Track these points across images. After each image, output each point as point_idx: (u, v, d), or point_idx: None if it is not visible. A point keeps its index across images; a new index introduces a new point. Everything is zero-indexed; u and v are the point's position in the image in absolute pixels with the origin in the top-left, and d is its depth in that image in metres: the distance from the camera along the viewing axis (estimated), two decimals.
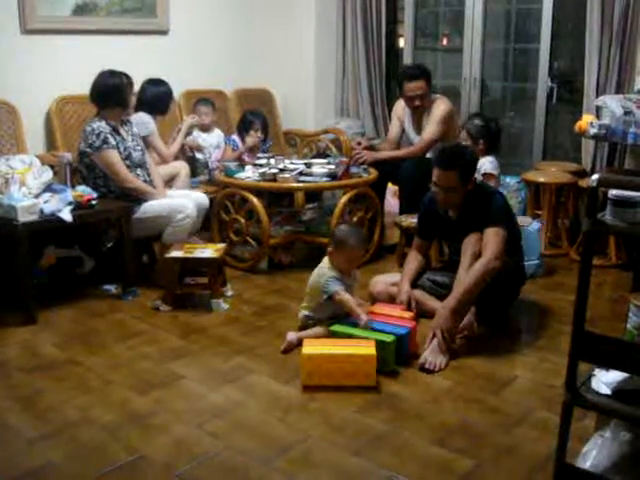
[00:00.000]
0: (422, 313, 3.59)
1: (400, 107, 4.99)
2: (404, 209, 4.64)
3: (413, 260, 3.76)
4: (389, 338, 3.11)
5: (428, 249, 3.88)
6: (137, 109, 4.79)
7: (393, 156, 4.87)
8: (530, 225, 4.41)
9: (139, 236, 4.13)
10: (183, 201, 4.19)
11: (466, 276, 3.30)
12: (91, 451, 2.54)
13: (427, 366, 3.15)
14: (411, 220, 4.35)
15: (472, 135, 4.32)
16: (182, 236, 4.10)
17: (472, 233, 3.40)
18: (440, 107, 4.72)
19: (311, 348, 3.06)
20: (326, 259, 3.48)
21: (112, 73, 4.15)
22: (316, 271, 3.49)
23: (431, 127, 4.70)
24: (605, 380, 2.09)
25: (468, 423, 2.75)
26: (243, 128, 5.21)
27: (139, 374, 3.13)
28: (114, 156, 4.04)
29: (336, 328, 3.26)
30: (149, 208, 4.11)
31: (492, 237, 3.34)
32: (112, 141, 4.06)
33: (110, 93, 4.13)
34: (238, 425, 2.73)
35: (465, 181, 3.46)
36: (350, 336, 3.17)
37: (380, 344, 3.06)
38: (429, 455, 2.53)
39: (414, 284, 3.70)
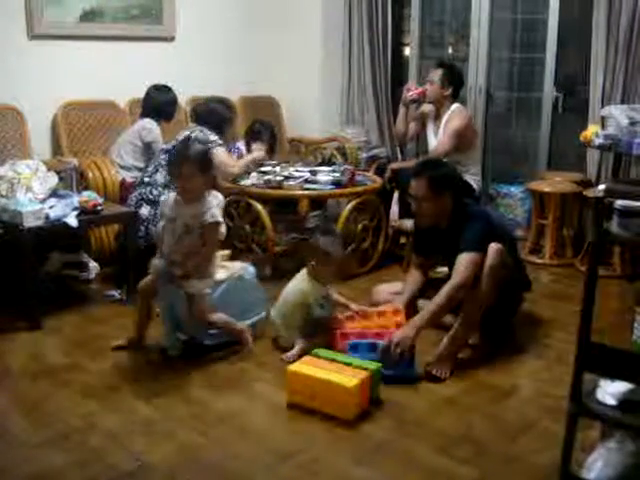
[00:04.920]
0: (436, 325, 3.60)
1: (429, 107, 4.99)
2: (402, 214, 4.68)
3: (412, 280, 3.71)
4: (372, 365, 2.96)
5: (427, 266, 3.81)
6: (142, 115, 4.81)
7: (404, 166, 4.87)
8: (245, 271, 3.64)
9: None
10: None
11: (434, 300, 3.29)
12: (95, 457, 2.54)
13: (434, 372, 3.15)
14: (402, 222, 4.48)
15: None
16: None
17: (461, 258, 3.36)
18: (455, 120, 4.66)
19: (299, 366, 2.98)
20: (304, 272, 3.47)
21: (224, 104, 4.59)
22: (297, 286, 3.47)
23: (444, 140, 4.64)
24: (610, 391, 2.08)
25: (472, 432, 2.74)
26: (250, 137, 5.19)
27: (143, 380, 3.13)
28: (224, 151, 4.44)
29: (320, 352, 3.11)
30: None
31: (462, 263, 3.29)
32: None
33: (221, 122, 4.46)
34: (242, 432, 2.72)
35: (437, 193, 3.41)
36: (334, 360, 3.01)
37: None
38: (432, 464, 2.53)
39: (421, 295, 3.69)
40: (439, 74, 4.76)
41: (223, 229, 3.31)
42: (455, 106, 4.78)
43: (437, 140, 4.76)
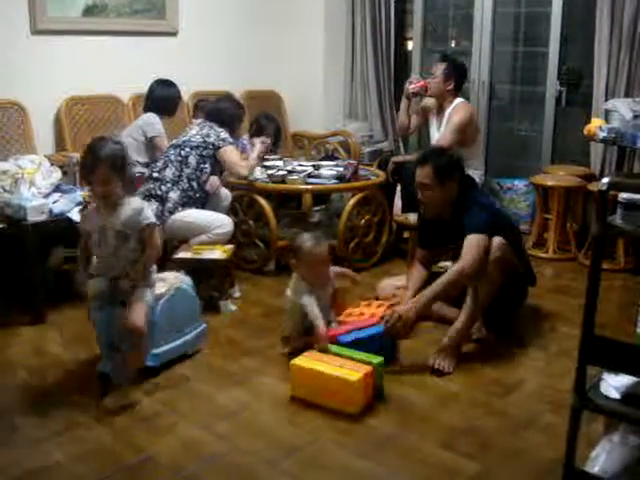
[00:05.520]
0: (437, 319, 3.60)
1: (431, 101, 4.97)
2: (405, 208, 4.68)
3: (416, 274, 3.72)
4: (376, 359, 2.94)
5: (431, 259, 3.83)
6: (145, 110, 4.80)
7: (408, 160, 4.87)
8: (182, 282, 3.29)
9: (169, 237, 4.14)
10: (227, 218, 4.23)
11: (440, 279, 3.29)
12: (97, 452, 2.55)
13: (436, 366, 3.15)
14: (406, 217, 4.50)
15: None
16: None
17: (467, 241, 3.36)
18: (458, 114, 4.65)
19: (302, 360, 2.97)
20: (294, 275, 3.37)
21: (235, 103, 4.60)
22: (290, 287, 3.38)
23: (446, 135, 4.63)
24: (614, 384, 2.08)
25: (475, 427, 2.74)
26: (255, 132, 5.17)
27: (146, 374, 3.12)
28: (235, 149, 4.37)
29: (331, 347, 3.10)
30: (193, 213, 4.13)
31: (469, 245, 3.29)
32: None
33: (231, 121, 4.44)
34: (245, 427, 2.73)
35: (441, 180, 3.43)
36: (338, 354, 3.01)
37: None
38: (436, 458, 2.52)
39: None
40: (442, 68, 4.74)
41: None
42: (458, 100, 4.76)
43: (440, 134, 4.75)
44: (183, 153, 4.20)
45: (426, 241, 3.76)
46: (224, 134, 4.27)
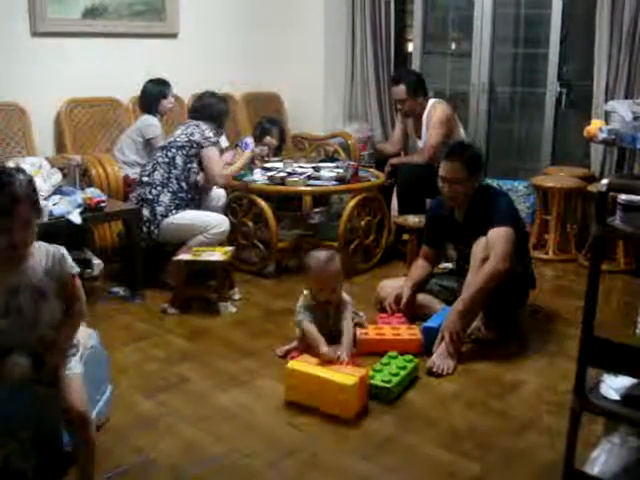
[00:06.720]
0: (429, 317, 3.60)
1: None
2: (401, 210, 4.70)
3: (420, 266, 3.76)
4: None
5: (436, 258, 3.85)
6: (141, 111, 4.81)
7: (404, 161, 4.90)
8: (92, 338, 2.67)
9: (165, 240, 4.15)
10: (222, 217, 4.24)
11: (474, 279, 3.29)
12: (98, 453, 2.53)
13: (435, 370, 3.15)
14: (406, 218, 4.48)
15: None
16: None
17: (481, 237, 3.38)
18: (437, 112, 4.76)
19: (298, 363, 2.96)
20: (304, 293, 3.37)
21: (219, 97, 4.52)
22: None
23: (431, 132, 4.72)
24: (614, 385, 2.08)
25: (475, 428, 2.74)
26: (259, 135, 5.17)
27: (146, 376, 3.13)
28: (218, 154, 4.35)
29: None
30: (187, 215, 4.14)
31: (498, 238, 3.32)
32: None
33: (219, 115, 4.46)
34: (245, 428, 2.72)
35: (470, 173, 3.47)
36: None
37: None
38: (436, 459, 2.52)
39: (421, 289, 3.71)
40: (404, 90, 4.82)
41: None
42: (431, 102, 4.89)
43: (425, 137, 4.80)
44: (170, 154, 4.20)
45: (434, 239, 3.77)
46: (209, 132, 4.26)
